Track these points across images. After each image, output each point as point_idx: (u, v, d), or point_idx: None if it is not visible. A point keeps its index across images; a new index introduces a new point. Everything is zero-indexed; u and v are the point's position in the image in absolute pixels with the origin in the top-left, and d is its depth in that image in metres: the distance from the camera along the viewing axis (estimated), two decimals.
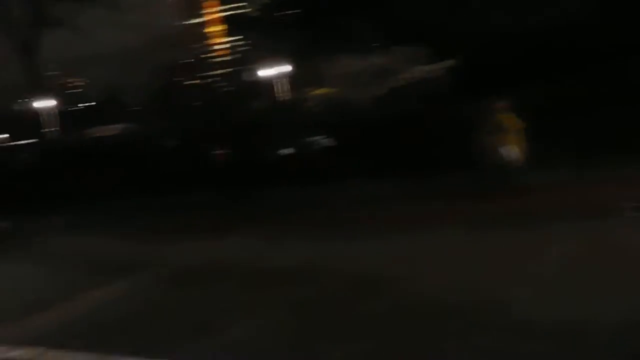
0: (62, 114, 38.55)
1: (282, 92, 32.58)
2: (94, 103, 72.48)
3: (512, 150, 7.46)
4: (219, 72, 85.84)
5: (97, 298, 5.25)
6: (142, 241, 7.96)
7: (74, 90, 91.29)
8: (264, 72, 33.72)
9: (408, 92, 13.30)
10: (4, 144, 39.08)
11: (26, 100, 40.85)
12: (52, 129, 33.59)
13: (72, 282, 6.07)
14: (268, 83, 34.59)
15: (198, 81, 77.30)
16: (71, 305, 5.05)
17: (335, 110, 12.70)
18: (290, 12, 14.62)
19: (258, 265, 5.79)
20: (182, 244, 7.30)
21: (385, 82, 17.35)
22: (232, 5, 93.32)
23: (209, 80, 77.83)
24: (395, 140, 9.59)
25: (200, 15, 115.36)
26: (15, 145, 28.19)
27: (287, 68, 32.44)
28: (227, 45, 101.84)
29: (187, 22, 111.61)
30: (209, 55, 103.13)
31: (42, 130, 32.89)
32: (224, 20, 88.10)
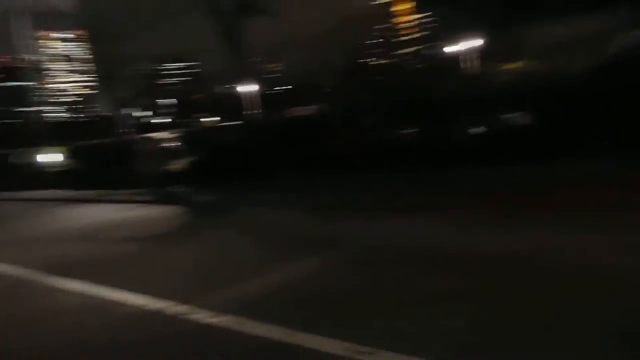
0: (264, 97, 41.90)
1: (474, 68, 31.00)
2: (289, 86, 77.63)
3: None
4: (409, 49, 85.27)
5: (289, 273, 5.41)
6: (333, 218, 8.16)
7: (274, 75, 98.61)
8: (455, 48, 32.45)
9: (626, 61, 11.48)
10: (216, 125, 43.83)
11: (233, 85, 45.31)
12: (255, 111, 36.74)
13: (269, 256, 6.40)
14: (459, 59, 33.25)
15: (388, 60, 77.81)
16: (266, 279, 5.28)
17: (534, 85, 11.51)
18: None
19: (446, 250, 5.47)
20: (371, 223, 7.28)
21: (594, 50, 15.28)
22: None
23: (400, 58, 77.71)
24: (608, 117, 8.36)
25: None
26: (225, 125, 31.22)
27: (478, 42, 30.75)
28: (417, 22, 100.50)
29: (377, 2, 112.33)
30: (398, 33, 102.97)
31: (247, 112, 36.19)
32: None
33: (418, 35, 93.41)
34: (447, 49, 34.02)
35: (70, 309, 5.05)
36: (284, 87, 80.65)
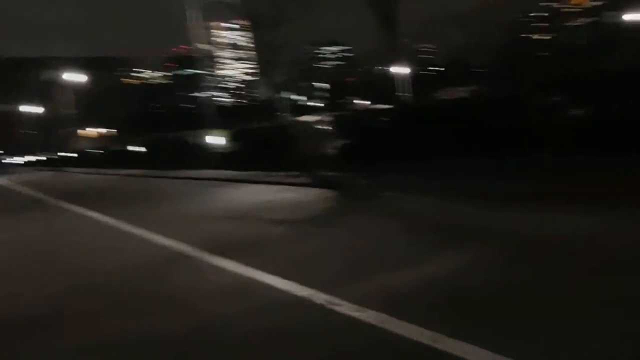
0: (415, 78, 41.08)
1: None
2: (442, 68, 75.34)
3: None
4: (580, 21, 77.61)
5: (438, 267, 5.09)
6: (489, 206, 7.66)
7: (425, 56, 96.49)
8: (635, 17, 28.63)
9: None
10: (367, 108, 44.09)
11: (385, 67, 45.06)
12: (407, 93, 36.16)
13: (417, 247, 6.12)
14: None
15: (550, 36, 71.75)
16: (412, 272, 5.01)
17: None
18: None
19: (620, 246, 4.74)
20: (533, 212, 6.71)
21: None
22: None
23: (569, 31, 71.08)
24: None
25: None
26: (376, 108, 31.21)
27: None
28: None
29: None
30: (567, 3, 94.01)
31: (398, 94, 35.76)
32: None
33: (590, 4, 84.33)
34: (626, 18, 30.10)
35: (223, 289, 5.27)
36: (437, 68, 78.53)
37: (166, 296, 5.18)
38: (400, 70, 36.80)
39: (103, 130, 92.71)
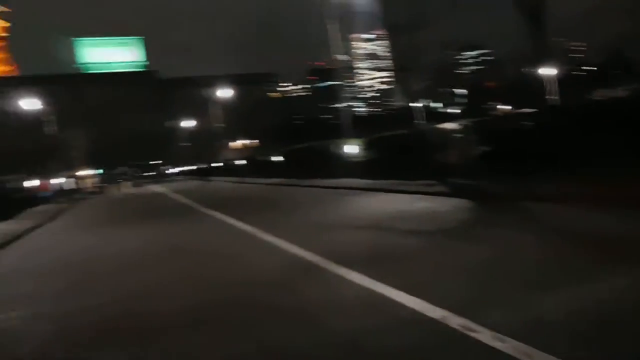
0: (563, 80, 37.99)
1: None
2: (594, 67, 69.16)
3: None
4: None
5: (588, 293, 4.40)
6: None
7: (576, 55, 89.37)
8: None
9: None
10: (509, 113, 41.67)
11: (529, 69, 42.26)
12: (553, 96, 33.54)
13: (562, 266, 5.40)
14: None
15: None
16: (558, 297, 4.39)
17: None
18: None
19: None
20: None
21: None
22: None
23: None
24: None
25: None
26: (518, 113, 29.35)
27: None
28: None
29: None
30: None
31: (544, 98, 33.30)
32: None
33: None
34: None
35: (350, 303, 5.09)
36: (589, 68, 72.30)
37: (295, 308, 5.11)
38: (547, 71, 34.25)
39: (247, 142, 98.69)
